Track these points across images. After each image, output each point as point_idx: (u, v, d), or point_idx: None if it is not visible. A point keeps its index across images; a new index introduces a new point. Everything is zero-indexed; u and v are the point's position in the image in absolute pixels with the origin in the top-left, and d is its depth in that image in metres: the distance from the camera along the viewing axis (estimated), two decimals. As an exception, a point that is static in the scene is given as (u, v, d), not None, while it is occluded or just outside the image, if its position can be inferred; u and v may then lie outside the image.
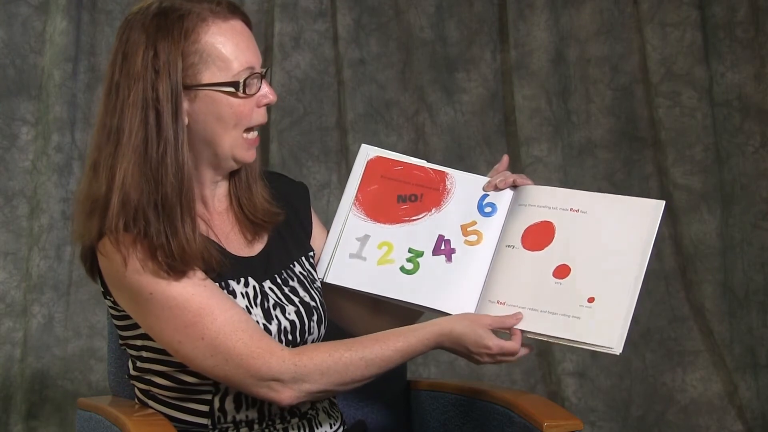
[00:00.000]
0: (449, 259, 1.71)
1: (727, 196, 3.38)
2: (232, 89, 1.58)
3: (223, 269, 1.59)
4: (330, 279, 1.74)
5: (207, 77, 1.57)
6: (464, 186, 1.76)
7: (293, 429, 1.68)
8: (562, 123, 3.41)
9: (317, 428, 1.71)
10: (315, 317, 1.68)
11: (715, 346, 3.34)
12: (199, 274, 1.56)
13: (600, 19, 3.42)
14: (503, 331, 1.63)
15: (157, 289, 1.53)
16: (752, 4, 3.37)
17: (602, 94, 3.43)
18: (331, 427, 1.74)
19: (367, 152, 1.80)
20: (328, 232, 1.82)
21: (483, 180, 1.77)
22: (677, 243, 3.38)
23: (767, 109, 3.38)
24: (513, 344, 1.61)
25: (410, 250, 1.72)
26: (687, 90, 3.38)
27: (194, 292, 1.54)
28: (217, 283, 1.59)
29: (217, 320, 1.53)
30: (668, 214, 3.37)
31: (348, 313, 1.81)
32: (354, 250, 1.73)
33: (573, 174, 3.40)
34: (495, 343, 1.59)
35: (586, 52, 3.43)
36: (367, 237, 1.74)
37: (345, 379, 1.56)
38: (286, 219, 1.73)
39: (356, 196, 1.78)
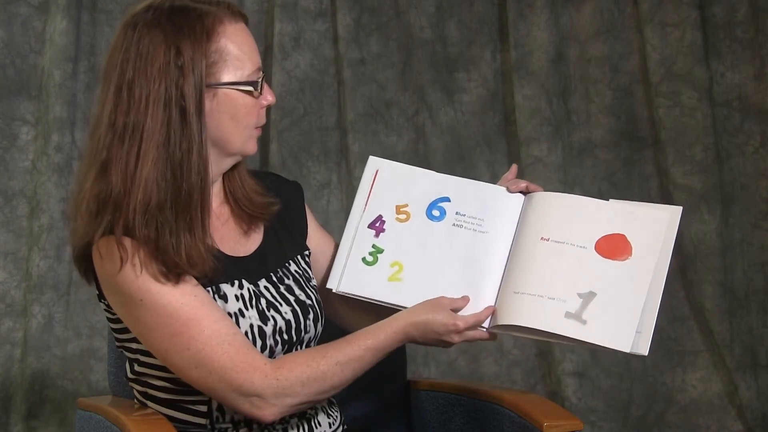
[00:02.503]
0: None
1: (727, 196, 3.38)
2: (250, 88, 1.61)
3: (216, 274, 1.59)
4: (343, 288, 1.74)
5: (227, 76, 1.59)
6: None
7: (292, 429, 1.68)
8: (562, 123, 3.41)
9: (316, 428, 1.71)
10: (311, 316, 1.68)
11: (715, 346, 3.34)
12: (192, 281, 1.56)
13: (600, 19, 3.43)
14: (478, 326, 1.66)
15: (148, 296, 1.54)
16: (752, 4, 3.38)
17: (602, 94, 3.43)
18: (330, 427, 1.74)
19: (378, 164, 1.80)
20: (331, 234, 1.82)
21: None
22: (677, 243, 3.34)
23: (767, 109, 3.38)
24: (478, 315, 1.65)
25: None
26: (687, 90, 3.39)
27: (184, 302, 1.54)
28: (209, 288, 1.59)
29: (204, 332, 1.54)
30: (668, 214, 3.37)
31: (351, 320, 1.81)
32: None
33: (573, 174, 3.40)
34: (461, 319, 1.63)
35: (586, 52, 3.43)
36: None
37: (324, 387, 1.58)
38: (281, 217, 1.73)
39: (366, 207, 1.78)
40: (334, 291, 1.73)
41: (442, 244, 1.73)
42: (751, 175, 3.38)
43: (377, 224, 1.76)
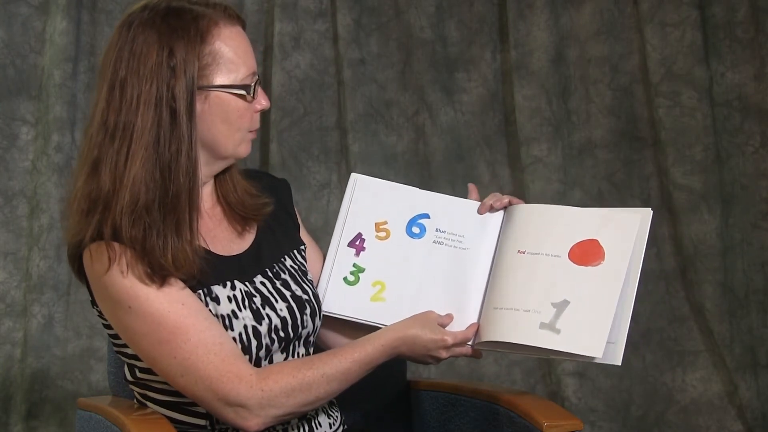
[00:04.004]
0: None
1: (727, 196, 3.38)
2: (243, 92, 1.60)
3: (204, 276, 1.59)
4: (326, 308, 1.75)
5: (219, 79, 1.58)
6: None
7: (293, 429, 1.68)
8: (562, 123, 3.41)
9: (317, 428, 1.71)
10: (308, 310, 1.68)
11: (715, 346, 3.34)
12: (179, 284, 1.56)
13: (600, 19, 3.43)
14: (463, 342, 1.68)
15: (135, 303, 1.54)
16: (752, 4, 3.38)
17: (602, 94, 3.43)
18: (330, 428, 1.74)
19: (356, 180, 1.80)
20: (329, 235, 1.83)
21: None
22: (677, 243, 3.38)
23: (767, 109, 3.38)
24: (465, 332, 1.68)
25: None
26: (687, 90, 3.39)
27: (171, 310, 1.54)
28: (200, 290, 1.59)
29: (191, 341, 1.54)
30: (668, 214, 3.38)
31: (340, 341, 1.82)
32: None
33: (573, 174, 3.40)
34: (450, 334, 1.66)
35: (586, 52, 3.43)
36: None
37: (310, 399, 1.58)
38: (275, 213, 1.73)
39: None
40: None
41: (423, 263, 1.74)
42: (751, 175, 3.38)
43: (357, 242, 1.76)
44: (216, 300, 1.60)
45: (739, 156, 3.39)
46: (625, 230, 1.67)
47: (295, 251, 1.74)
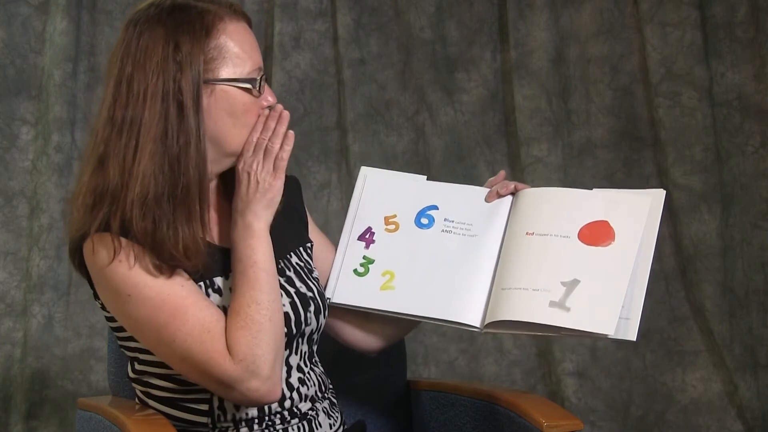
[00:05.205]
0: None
1: (727, 196, 3.38)
2: (249, 86, 1.61)
3: (207, 269, 1.59)
4: (336, 299, 1.76)
5: (225, 73, 1.59)
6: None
7: (293, 429, 1.68)
8: (562, 123, 3.42)
9: (317, 429, 1.71)
10: (312, 308, 1.68)
11: (715, 346, 3.34)
12: (183, 275, 1.56)
13: (600, 19, 3.43)
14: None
15: (135, 291, 1.54)
16: (752, 4, 3.38)
17: (602, 94, 3.43)
18: (330, 428, 1.74)
19: (366, 175, 1.82)
20: (331, 234, 1.83)
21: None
22: (677, 243, 3.38)
23: (767, 109, 3.38)
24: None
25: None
26: (687, 90, 3.39)
27: (171, 293, 1.54)
28: (201, 282, 1.59)
29: (189, 322, 1.53)
30: (668, 214, 3.37)
31: (350, 329, 1.82)
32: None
33: (573, 174, 3.40)
34: None
35: (586, 52, 3.43)
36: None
37: (269, 330, 1.54)
38: (284, 211, 1.73)
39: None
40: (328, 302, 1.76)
41: (432, 250, 1.75)
42: (751, 175, 3.39)
43: (367, 236, 1.78)
44: (219, 291, 1.60)
45: (739, 156, 3.39)
46: (636, 211, 1.67)
47: (301, 248, 1.75)
